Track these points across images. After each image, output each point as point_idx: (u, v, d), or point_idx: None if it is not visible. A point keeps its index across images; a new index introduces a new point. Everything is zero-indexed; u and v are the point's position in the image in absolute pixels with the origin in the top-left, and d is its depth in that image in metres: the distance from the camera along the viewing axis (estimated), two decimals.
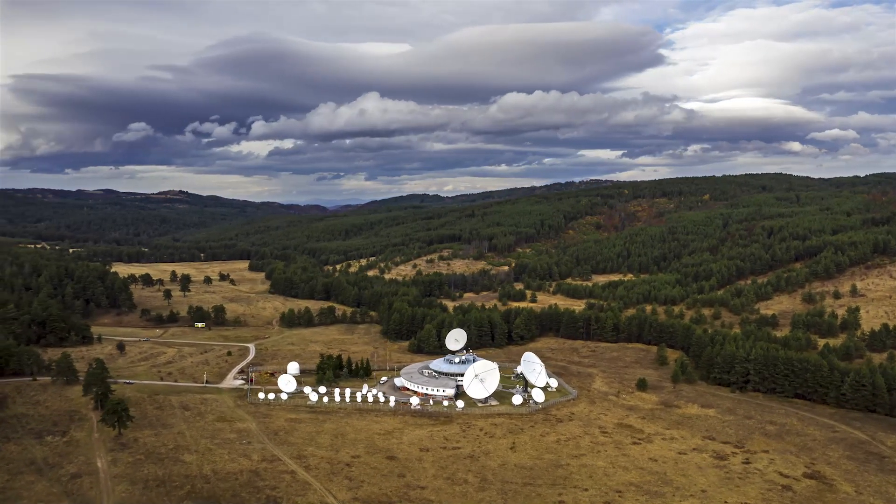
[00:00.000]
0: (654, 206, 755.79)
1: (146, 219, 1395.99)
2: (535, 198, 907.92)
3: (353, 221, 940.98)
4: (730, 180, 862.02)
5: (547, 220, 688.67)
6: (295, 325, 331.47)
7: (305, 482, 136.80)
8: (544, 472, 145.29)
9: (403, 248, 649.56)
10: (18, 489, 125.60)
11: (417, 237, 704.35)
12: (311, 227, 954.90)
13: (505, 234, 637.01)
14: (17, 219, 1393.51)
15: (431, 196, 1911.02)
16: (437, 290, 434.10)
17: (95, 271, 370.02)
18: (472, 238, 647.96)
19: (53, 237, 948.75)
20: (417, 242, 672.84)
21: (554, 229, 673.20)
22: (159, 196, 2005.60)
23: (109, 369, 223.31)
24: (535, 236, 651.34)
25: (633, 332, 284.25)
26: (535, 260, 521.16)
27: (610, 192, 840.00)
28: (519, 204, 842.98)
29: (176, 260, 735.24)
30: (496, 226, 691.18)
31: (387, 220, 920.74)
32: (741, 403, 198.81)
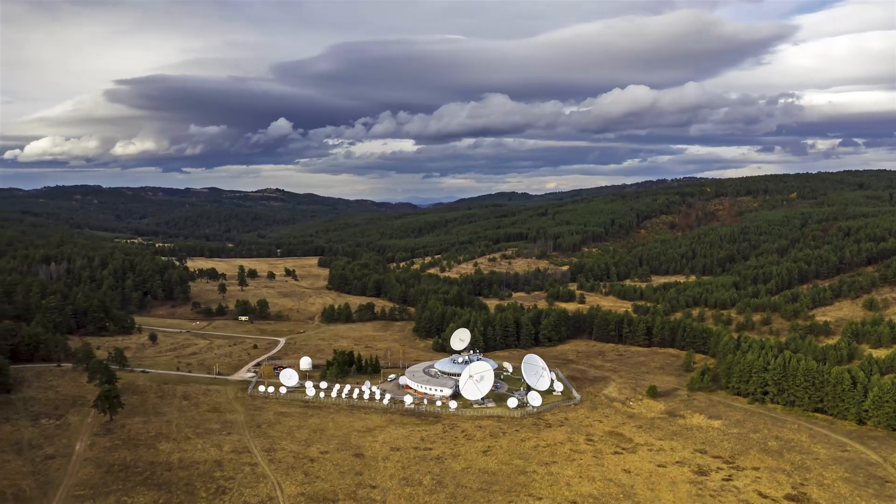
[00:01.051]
0: (736, 205, 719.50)
1: (239, 216, 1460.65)
2: (611, 196, 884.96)
3: (428, 219, 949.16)
4: (823, 177, 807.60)
5: (618, 219, 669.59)
6: (334, 321, 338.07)
7: (262, 475, 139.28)
8: (506, 477, 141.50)
9: (469, 247, 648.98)
10: None
11: (486, 235, 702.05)
12: (388, 224, 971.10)
13: (571, 234, 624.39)
14: (124, 215, 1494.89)
15: (520, 194, 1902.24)
16: (486, 288, 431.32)
17: (156, 265, 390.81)
18: (538, 237, 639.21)
19: (150, 232, 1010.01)
20: (484, 241, 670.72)
21: (624, 228, 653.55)
22: (256, 194, 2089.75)
23: (136, 358, 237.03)
24: (604, 236, 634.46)
25: (666, 337, 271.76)
26: (594, 260, 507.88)
27: (691, 191, 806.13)
28: (594, 202, 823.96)
29: (254, 255, 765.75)
30: (565, 224, 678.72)
31: (462, 218, 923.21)
32: (753, 416, 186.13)
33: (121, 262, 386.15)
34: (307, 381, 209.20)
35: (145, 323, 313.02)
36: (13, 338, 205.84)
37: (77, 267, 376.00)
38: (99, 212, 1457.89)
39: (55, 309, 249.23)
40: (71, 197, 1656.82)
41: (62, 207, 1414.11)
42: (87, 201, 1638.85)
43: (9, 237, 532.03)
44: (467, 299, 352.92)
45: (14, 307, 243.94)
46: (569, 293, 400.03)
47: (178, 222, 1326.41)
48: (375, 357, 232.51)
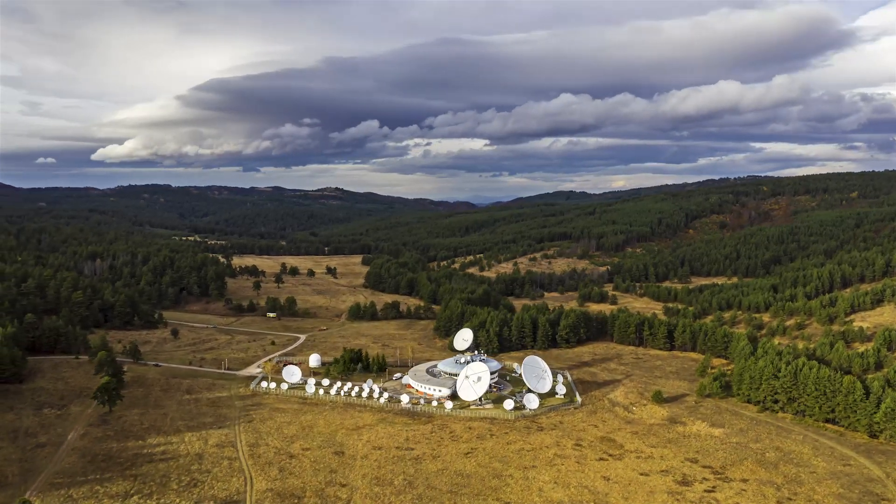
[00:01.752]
0: (792, 204, 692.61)
1: (296, 214, 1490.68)
2: (662, 195, 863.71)
3: (476, 218, 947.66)
4: (889, 175, 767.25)
5: (665, 219, 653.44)
6: (359, 319, 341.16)
7: (239, 469, 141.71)
8: (479, 480, 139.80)
9: (511, 246, 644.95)
10: None
11: (530, 235, 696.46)
12: (436, 223, 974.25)
13: (615, 233, 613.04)
14: (187, 213, 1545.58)
15: (578, 193, 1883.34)
16: (518, 288, 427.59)
17: (193, 263, 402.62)
18: (582, 237, 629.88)
19: (207, 230, 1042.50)
20: (527, 240, 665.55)
21: (671, 228, 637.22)
22: (316, 193, 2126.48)
23: (154, 352, 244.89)
24: (649, 236, 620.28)
25: (688, 341, 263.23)
26: (634, 261, 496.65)
27: (746, 190, 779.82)
28: (644, 202, 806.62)
29: (302, 253, 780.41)
30: (610, 224, 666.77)
31: (511, 217, 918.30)
32: (759, 425, 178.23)
33: (161, 259, 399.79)
34: (312, 378, 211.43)
35: (177, 318, 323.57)
36: (35, 330, 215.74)
37: (119, 263, 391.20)
38: (164, 210, 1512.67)
39: (82, 304, 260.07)
40: (139, 196, 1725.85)
41: (130, 206, 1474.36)
42: (154, 200, 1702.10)
43: (66, 234, 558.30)
44: (495, 299, 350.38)
45: (45, 301, 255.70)
46: (601, 294, 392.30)
47: (237, 220, 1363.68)
48: (382, 356, 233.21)
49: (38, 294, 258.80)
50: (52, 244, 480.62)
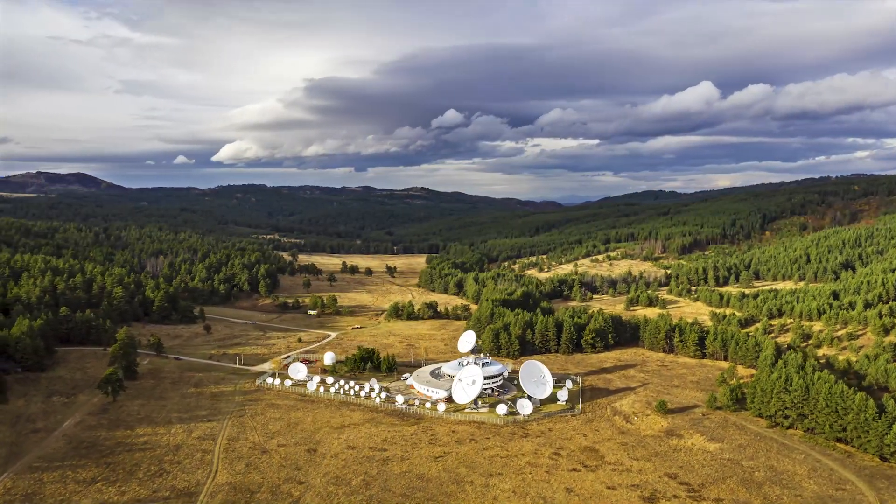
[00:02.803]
0: (884, 205, 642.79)
1: (377, 213, 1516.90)
2: (740, 196, 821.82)
3: (549, 218, 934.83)
4: None
5: (740, 220, 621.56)
6: (397, 318, 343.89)
7: (208, 462, 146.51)
8: (438, 485, 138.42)
9: (576, 247, 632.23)
10: None
11: (597, 236, 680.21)
12: (508, 223, 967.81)
13: (683, 235, 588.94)
14: (275, 212, 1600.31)
15: (668, 193, 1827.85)
16: (567, 290, 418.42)
17: (247, 261, 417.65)
18: (649, 238, 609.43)
19: (287, 229, 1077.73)
20: (593, 241, 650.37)
21: (745, 230, 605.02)
22: (402, 192, 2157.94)
23: (181, 345, 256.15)
24: (719, 238, 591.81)
25: (718, 349, 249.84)
26: (696, 264, 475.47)
27: (835, 189, 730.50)
28: (721, 202, 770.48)
29: (371, 252, 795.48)
30: (680, 225, 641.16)
31: (585, 217, 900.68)
32: (761, 441, 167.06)
33: (218, 258, 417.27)
34: (318, 376, 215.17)
35: (220, 314, 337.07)
36: (68, 323, 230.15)
37: (179, 260, 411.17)
38: (254, 209, 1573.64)
39: (123, 299, 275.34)
40: (233, 195, 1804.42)
41: (222, 205, 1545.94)
42: (246, 199, 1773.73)
43: (148, 232, 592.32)
44: (534, 301, 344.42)
45: (89, 296, 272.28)
46: (649, 298, 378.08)
47: (321, 219, 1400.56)
48: (392, 355, 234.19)
49: (85, 289, 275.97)
50: (127, 241, 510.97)
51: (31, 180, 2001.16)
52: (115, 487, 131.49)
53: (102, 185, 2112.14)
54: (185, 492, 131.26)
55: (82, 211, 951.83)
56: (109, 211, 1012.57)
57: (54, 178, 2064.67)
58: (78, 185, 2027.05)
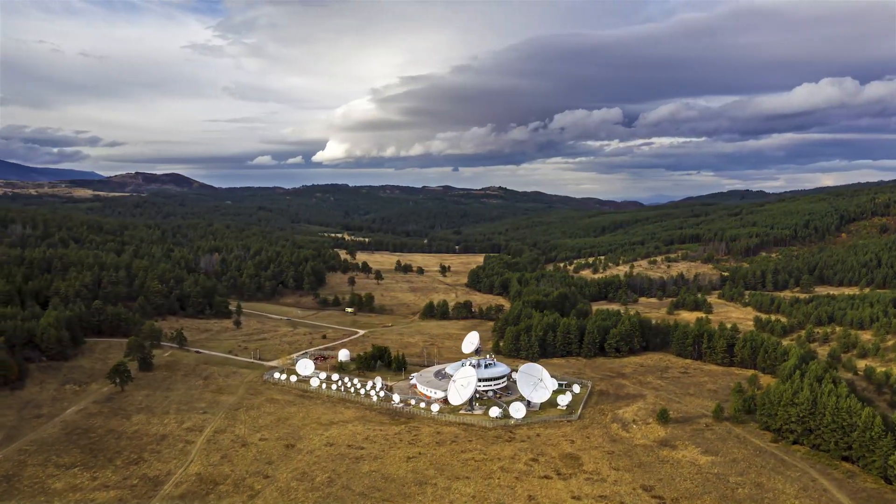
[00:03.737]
0: None
1: (449, 213, 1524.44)
2: (820, 195, 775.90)
3: (616, 218, 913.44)
4: None
5: (813, 221, 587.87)
6: (430, 317, 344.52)
7: (186, 453, 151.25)
8: (399, 486, 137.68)
9: (636, 248, 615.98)
10: None
11: (661, 236, 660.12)
12: (575, 223, 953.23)
13: (750, 236, 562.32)
14: (352, 211, 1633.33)
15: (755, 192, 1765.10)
16: (613, 292, 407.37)
17: (296, 258, 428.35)
18: (713, 239, 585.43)
19: (357, 227, 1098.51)
20: (656, 241, 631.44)
21: (819, 232, 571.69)
22: (479, 192, 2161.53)
23: (208, 339, 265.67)
24: (789, 239, 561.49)
25: (747, 357, 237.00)
26: (756, 266, 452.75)
27: None
28: (798, 202, 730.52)
29: (433, 251, 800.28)
30: (749, 226, 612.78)
31: (654, 217, 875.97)
32: (758, 456, 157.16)
33: (269, 255, 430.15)
34: (324, 372, 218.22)
35: (260, 309, 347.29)
36: (100, 315, 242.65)
37: (231, 257, 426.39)
38: (331, 208, 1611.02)
39: (160, 293, 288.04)
40: (312, 195, 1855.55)
41: (301, 204, 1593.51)
42: (325, 199, 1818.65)
43: (213, 230, 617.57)
44: (571, 302, 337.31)
45: (130, 290, 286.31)
46: (696, 302, 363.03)
47: (393, 218, 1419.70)
48: (402, 354, 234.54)
49: (127, 283, 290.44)
50: (192, 238, 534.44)
51: (129, 180, 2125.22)
52: (89, 473, 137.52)
53: (194, 185, 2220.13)
54: (154, 480, 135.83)
55: (164, 209, 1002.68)
56: (189, 209, 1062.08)
57: (150, 178, 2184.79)
58: (172, 184, 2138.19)
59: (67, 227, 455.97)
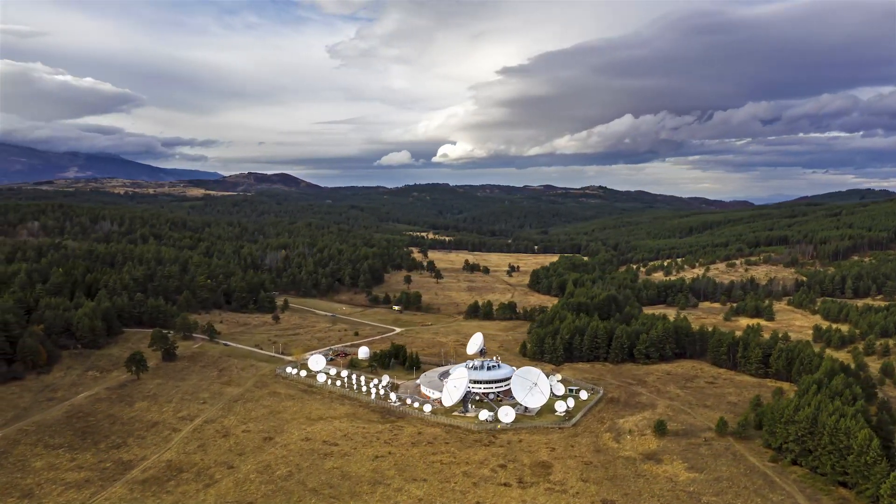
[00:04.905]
0: None
1: (541, 212, 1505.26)
2: None
3: (708, 219, 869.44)
4: None
5: None
6: (473, 317, 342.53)
7: (167, 440, 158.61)
8: (352, 484, 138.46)
9: (717, 250, 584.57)
10: (7, 397, 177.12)
11: (746, 238, 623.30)
12: (663, 224, 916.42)
13: (841, 238, 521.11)
14: (445, 210, 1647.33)
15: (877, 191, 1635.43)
16: (672, 296, 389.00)
17: (355, 256, 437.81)
18: (801, 241, 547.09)
19: (443, 226, 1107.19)
20: (740, 243, 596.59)
21: None
22: (577, 191, 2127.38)
23: (242, 332, 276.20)
24: (888, 242, 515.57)
25: (782, 368, 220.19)
26: (838, 271, 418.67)
27: None
28: None
29: (512, 251, 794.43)
30: (845, 228, 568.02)
31: (747, 218, 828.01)
32: (748, 476, 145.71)
33: (331, 252, 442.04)
34: (335, 367, 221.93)
35: (312, 305, 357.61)
36: (141, 307, 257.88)
37: (295, 254, 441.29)
38: (424, 207, 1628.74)
39: (205, 287, 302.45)
40: (409, 194, 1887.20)
41: (396, 203, 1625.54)
42: (421, 198, 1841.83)
43: (293, 228, 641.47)
44: (618, 305, 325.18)
45: (180, 283, 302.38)
46: (757, 308, 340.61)
47: (484, 217, 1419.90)
48: (416, 354, 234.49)
49: (178, 277, 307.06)
50: (267, 235, 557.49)
51: (242, 180, 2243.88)
52: (71, 454, 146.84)
53: (301, 185, 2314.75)
54: (126, 464, 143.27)
55: (259, 207, 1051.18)
56: (284, 208, 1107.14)
57: (261, 178, 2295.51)
58: (280, 184, 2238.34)
59: (150, 224, 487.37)
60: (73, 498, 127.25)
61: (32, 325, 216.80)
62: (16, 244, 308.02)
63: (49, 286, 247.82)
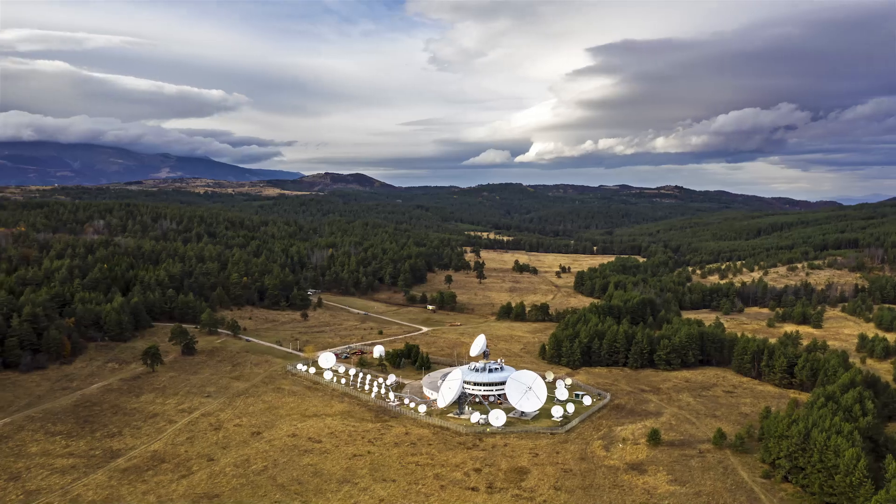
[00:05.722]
0: None
1: (610, 212, 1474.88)
2: None
3: (779, 220, 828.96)
4: None
5: None
6: (505, 318, 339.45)
7: (163, 430, 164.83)
8: (321, 482, 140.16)
9: (779, 253, 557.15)
10: (26, 385, 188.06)
11: (815, 240, 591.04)
12: (734, 225, 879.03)
13: None
14: (513, 210, 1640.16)
15: None
16: (717, 300, 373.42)
17: (397, 255, 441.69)
18: (871, 245, 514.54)
19: (505, 226, 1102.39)
20: (805, 247, 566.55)
21: None
22: (652, 191, 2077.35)
23: (271, 328, 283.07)
24: None
25: (807, 378, 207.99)
26: None
27: None
28: None
29: (570, 252, 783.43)
30: None
31: (820, 219, 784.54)
32: (732, 492, 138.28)
33: (375, 251, 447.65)
34: (346, 366, 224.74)
35: (347, 304, 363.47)
36: (171, 302, 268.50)
37: (340, 253, 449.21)
38: (492, 207, 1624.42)
39: (238, 284, 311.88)
40: (479, 194, 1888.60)
41: (464, 203, 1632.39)
42: (491, 198, 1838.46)
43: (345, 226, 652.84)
44: (653, 309, 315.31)
45: (215, 281, 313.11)
46: (804, 315, 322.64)
47: (550, 217, 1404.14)
48: (426, 354, 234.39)
49: (216, 274, 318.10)
50: (321, 234, 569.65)
51: (318, 180, 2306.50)
52: (66, 440, 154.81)
53: (375, 185, 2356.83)
54: (114, 453, 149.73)
55: (324, 207, 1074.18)
56: (350, 207, 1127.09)
57: (337, 178, 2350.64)
58: (355, 184, 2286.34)
59: (207, 223, 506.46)
60: (55, 483, 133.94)
61: (64, 318, 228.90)
62: (69, 241, 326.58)
63: (87, 281, 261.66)
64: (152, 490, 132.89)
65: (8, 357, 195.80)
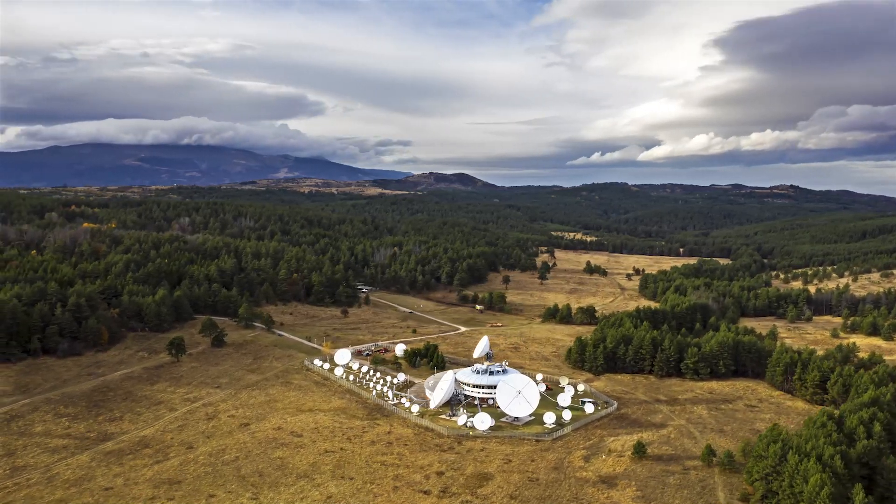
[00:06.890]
0: None
1: (713, 213, 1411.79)
2: None
3: (888, 222, 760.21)
4: None
5: None
6: (549, 320, 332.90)
7: (160, 417, 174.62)
8: (279, 476, 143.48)
9: (879, 257, 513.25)
10: (57, 370, 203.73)
11: None
12: (837, 227, 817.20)
13: None
14: (610, 210, 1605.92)
15: None
16: (784, 307, 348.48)
17: (455, 255, 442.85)
18: None
19: (596, 227, 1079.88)
20: None
21: None
22: (764, 191, 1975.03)
23: (304, 324, 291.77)
24: None
25: (838, 395, 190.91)
26: None
27: None
28: None
29: (656, 253, 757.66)
30: None
31: None
32: None
33: (435, 251, 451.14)
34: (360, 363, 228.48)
35: (400, 302, 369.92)
36: (214, 296, 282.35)
37: (402, 252, 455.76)
38: (590, 207, 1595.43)
39: (284, 281, 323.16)
40: (578, 193, 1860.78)
41: (560, 203, 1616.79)
42: (590, 197, 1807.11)
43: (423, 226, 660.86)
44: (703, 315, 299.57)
45: (264, 276, 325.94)
46: (874, 325, 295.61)
47: (646, 218, 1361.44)
48: (441, 354, 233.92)
49: (267, 270, 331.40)
50: (395, 233, 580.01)
51: (422, 180, 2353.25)
52: (70, 422, 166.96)
53: (477, 184, 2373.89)
54: (106, 435, 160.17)
55: (413, 206, 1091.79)
56: (441, 207, 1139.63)
57: (440, 177, 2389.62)
58: (458, 183, 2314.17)
59: (283, 221, 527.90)
60: (42, 461, 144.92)
61: (111, 308, 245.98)
62: (139, 237, 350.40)
63: (139, 275, 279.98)
64: (124, 473, 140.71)
65: (48, 343, 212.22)
